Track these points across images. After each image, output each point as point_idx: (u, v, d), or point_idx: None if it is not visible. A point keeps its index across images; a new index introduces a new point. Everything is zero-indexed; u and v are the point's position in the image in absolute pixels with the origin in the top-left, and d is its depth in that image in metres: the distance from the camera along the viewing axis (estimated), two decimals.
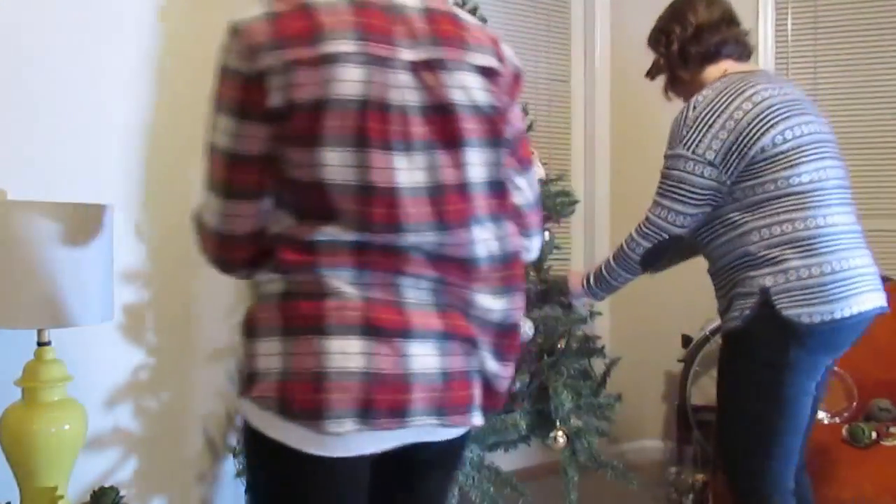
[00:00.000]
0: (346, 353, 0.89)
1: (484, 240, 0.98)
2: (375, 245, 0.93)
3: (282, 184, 0.95)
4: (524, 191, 1.08)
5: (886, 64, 3.01)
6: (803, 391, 1.57)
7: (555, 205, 2.07)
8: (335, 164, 0.91)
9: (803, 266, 1.50)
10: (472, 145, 0.97)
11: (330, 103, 0.90)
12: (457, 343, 0.96)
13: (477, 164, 0.98)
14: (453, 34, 0.98)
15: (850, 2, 3.04)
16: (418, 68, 0.95)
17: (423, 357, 0.93)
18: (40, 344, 1.65)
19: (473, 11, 2.09)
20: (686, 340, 3.03)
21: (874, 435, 2.21)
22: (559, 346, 2.03)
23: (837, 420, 2.45)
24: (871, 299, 1.56)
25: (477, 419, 1.00)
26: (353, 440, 0.93)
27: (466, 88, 0.97)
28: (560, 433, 1.93)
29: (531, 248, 1.12)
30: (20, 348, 1.78)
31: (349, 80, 0.91)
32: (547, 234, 2.11)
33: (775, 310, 1.51)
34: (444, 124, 0.95)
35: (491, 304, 0.98)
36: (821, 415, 2.48)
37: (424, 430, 0.96)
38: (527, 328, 1.86)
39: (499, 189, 1.00)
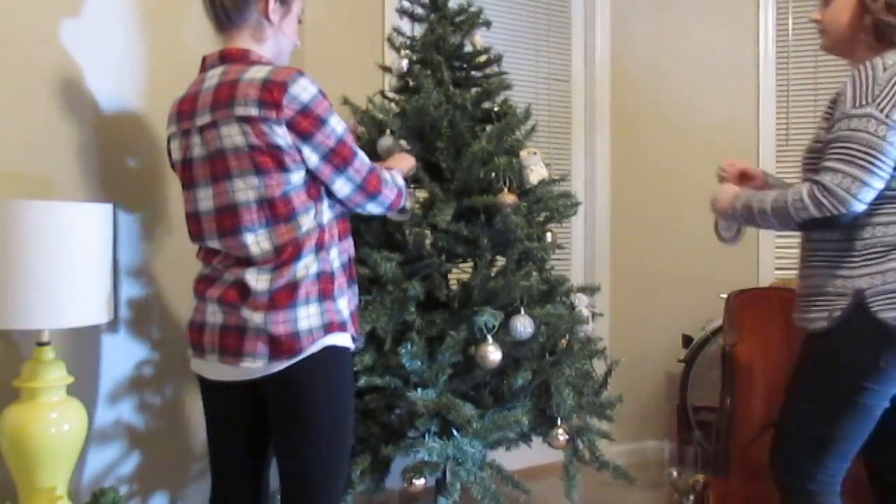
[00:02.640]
0: (192, 309, 1.52)
1: (256, 242, 1.40)
2: (205, 247, 1.49)
3: None
4: (342, 187, 1.45)
5: None
6: (883, 398, 1.53)
7: (556, 206, 2.07)
8: (183, 198, 1.51)
9: None
10: (236, 177, 1.39)
11: (175, 163, 1.51)
12: (227, 307, 1.42)
13: (243, 189, 1.39)
14: (225, 97, 1.38)
15: None
16: (203, 130, 1.42)
17: (213, 314, 1.45)
18: (40, 344, 1.65)
19: (478, 14, 2.10)
20: (686, 340, 3.03)
21: None
22: (561, 344, 2.03)
23: None
24: None
25: (250, 363, 1.39)
26: (198, 365, 1.51)
27: (230, 136, 1.38)
28: (561, 431, 1.93)
29: (371, 211, 1.53)
30: (20, 348, 1.77)
31: (175, 149, 1.49)
32: (549, 234, 2.11)
33: (869, 312, 1.48)
34: (216, 166, 1.41)
35: (256, 278, 1.40)
36: None
37: (229, 368, 1.42)
38: (527, 326, 1.86)
39: (268, 204, 1.39)
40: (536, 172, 1.93)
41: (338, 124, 1.41)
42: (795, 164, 3.12)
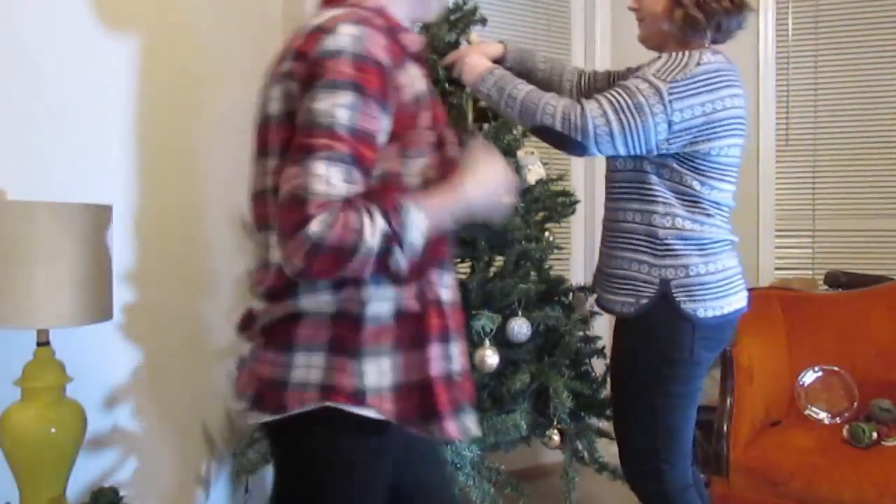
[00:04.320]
0: None
1: (275, 245, 1.00)
2: None
3: None
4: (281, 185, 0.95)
5: (886, 64, 3.01)
6: (698, 387, 1.62)
7: (555, 205, 2.06)
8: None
9: (701, 263, 1.55)
10: (270, 154, 1.01)
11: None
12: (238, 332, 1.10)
13: (272, 172, 1.01)
14: (284, 50, 1.03)
15: (850, 2, 3.04)
16: (263, 90, 1.06)
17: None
18: (40, 344, 1.65)
19: (473, 12, 2.09)
20: None
21: (875, 435, 2.21)
22: (562, 343, 2.03)
23: (838, 420, 2.44)
24: (743, 298, 1.64)
25: (237, 404, 1.05)
26: None
27: (273, 100, 1.01)
28: (555, 432, 1.93)
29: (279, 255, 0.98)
30: (20, 348, 1.78)
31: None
32: (547, 233, 2.11)
33: (674, 303, 1.54)
34: (259, 137, 1.04)
35: (258, 306, 1.05)
36: (821, 415, 2.47)
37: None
38: (524, 328, 1.86)
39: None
40: (534, 172, 1.93)
41: (336, 109, 0.93)
42: (795, 164, 3.12)
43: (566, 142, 1.49)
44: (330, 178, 0.91)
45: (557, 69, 1.80)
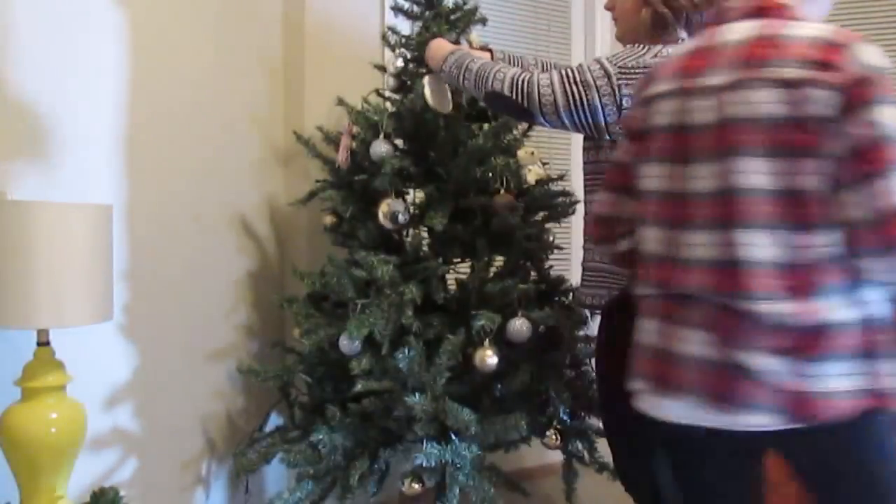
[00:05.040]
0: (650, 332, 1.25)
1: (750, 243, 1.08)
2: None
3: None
4: (851, 206, 1.02)
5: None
6: None
7: (555, 205, 2.07)
8: (653, 175, 1.19)
9: None
10: (746, 154, 1.06)
11: (651, 130, 1.20)
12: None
13: (755, 172, 1.07)
14: (758, 55, 1.08)
15: (850, 2, 3.04)
16: (717, 92, 1.11)
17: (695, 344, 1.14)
18: (40, 344, 1.65)
19: (473, 12, 2.09)
20: None
21: None
22: (559, 346, 2.03)
23: None
24: None
25: (762, 418, 1.06)
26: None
27: (755, 103, 1.06)
28: (554, 432, 1.93)
29: (869, 270, 1.03)
30: (20, 348, 1.78)
31: (660, 112, 1.18)
32: (547, 233, 2.12)
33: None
34: (715, 137, 1.10)
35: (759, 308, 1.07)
36: None
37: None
38: (524, 328, 1.86)
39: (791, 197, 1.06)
40: (534, 172, 1.93)
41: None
42: None
43: (514, 108, 1.51)
44: None
45: (548, 66, 1.82)
